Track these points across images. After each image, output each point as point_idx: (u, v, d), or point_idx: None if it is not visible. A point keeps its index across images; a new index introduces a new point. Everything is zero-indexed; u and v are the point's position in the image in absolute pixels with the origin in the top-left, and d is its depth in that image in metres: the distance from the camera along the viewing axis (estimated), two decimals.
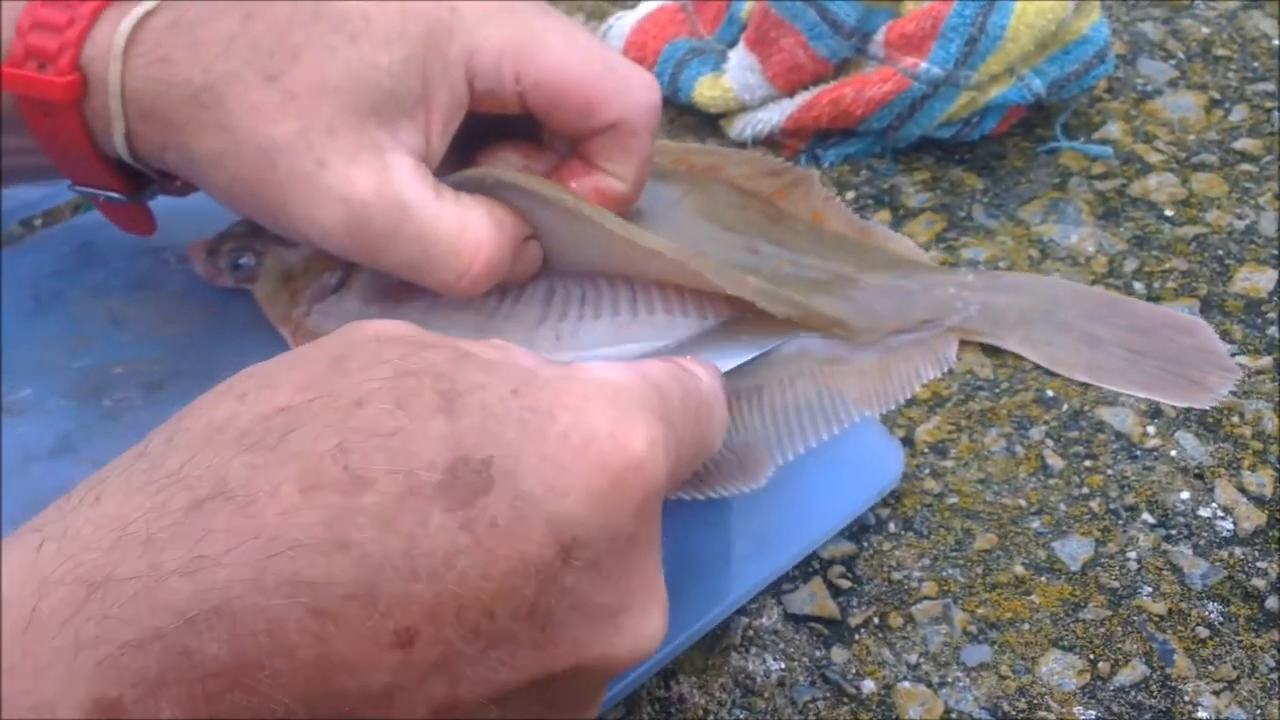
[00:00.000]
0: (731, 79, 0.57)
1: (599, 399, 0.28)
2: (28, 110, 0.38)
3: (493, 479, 0.26)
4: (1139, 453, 0.43)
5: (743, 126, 0.58)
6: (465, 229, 0.39)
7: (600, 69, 0.40)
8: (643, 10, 0.63)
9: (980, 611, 0.39)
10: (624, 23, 0.62)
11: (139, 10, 0.37)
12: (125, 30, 0.37)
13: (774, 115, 0.57)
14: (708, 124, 0.59)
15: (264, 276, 0.46)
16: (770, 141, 0.58)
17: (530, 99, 0.40)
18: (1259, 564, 0.40)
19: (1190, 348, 0.46)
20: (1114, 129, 0.58)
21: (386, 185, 0.38)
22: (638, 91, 0.40)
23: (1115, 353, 0.46)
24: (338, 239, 0.38)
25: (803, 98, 0.56)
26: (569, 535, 0.26)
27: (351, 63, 0.37)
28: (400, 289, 0.45)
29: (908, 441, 0.44)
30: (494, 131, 0.43)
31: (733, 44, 0.59)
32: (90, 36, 0.37)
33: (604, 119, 0.40)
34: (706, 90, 0.58)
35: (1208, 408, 0.44)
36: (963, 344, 0.47)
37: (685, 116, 0.60)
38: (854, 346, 0.45)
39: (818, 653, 0.38)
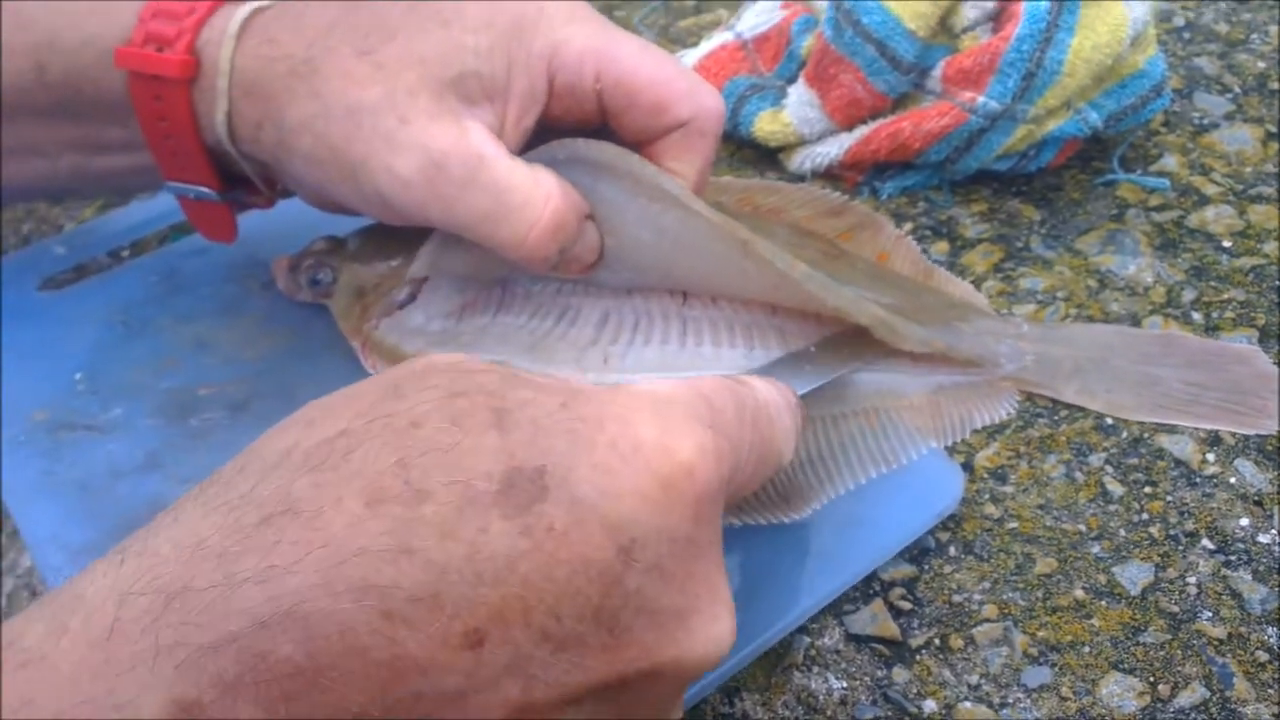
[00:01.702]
0: (791, 114, 0.59)
1: (645, 409, 0.29)
2: (138, 94, 0.42)
3: (547, 487, 0.27)
4: (1198, 480, 0.44)
5: (802, 160, 0.59)
6: (538, 182, 0.41)
7: (673, 72, 0.42)
8: (704, 48, 0.65)
9: (1041, 634, 0.40)
10: (686, 60, 0.64)
11: (253, 6, 0.42)
12: (241, 16, 0.41)
13: (832, 149, 0.58)
14: (767, 158, 0.61)
15: (339, 292, 0.48)
16: (829, 174, 0.59)
17: (607, 97, 0.42)
18: None
19: (1248, 376, 0.47)
20: (1171, 161, 0.59)
21: (464, 138, 0.40)
22: (706, 97, 0.43)
23: (1176, 390, 0.47)
24: (415, 189, 0.40)
25: (861, 132, 0.57)
26: (626, 537, 0.27)
27: (440, 41, 0.40)
28: (461, 308, 0.47)
29: (968, 467, 0.45)
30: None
31: (792, 80, 0.61)
32: (208, 23, 0.41)
33: (675, 118, 0.42)
34: (766, 125, 0.59)
35: (1273, 432, 0.45)
36: None
37: (745, 150, 0.62)
38: (903, 378, 0.45)
39: (879, 672, 0.39)
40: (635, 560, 0.27)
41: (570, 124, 0.43)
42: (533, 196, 0.40)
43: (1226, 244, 0.54)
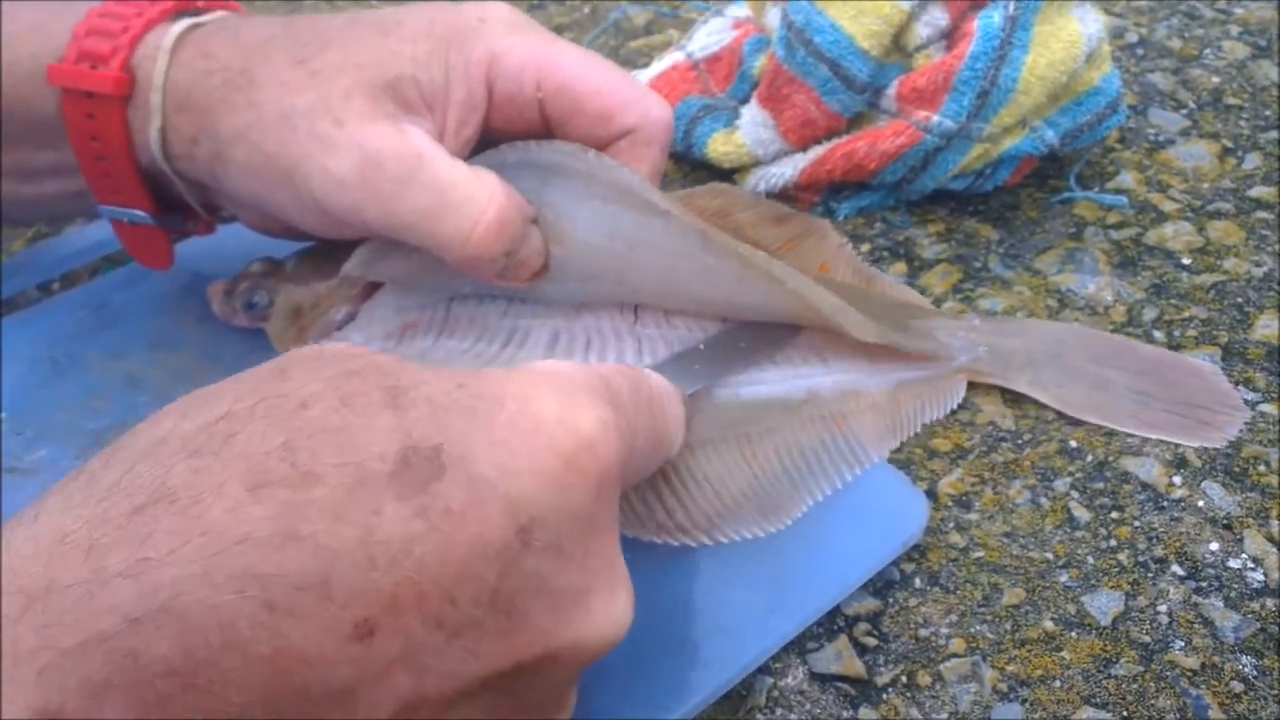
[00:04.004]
0: (745, 135, 0.58)
1: (545, 386, 0.29)
2: (70, 112, 0.41)
3: (444, 465, 0.26)
4: (1166, 503, 0.43)
5: (756, 181, 0.58)
6: (480, 177, 0.40)
7: (619, 80, 0.41)
8: (656, 69, 0.64)
9: (1010, 669, 0.38)
10: None
11: (189, 22, 0.41)
12: (176, 32, 0.40)
13: (787, 170, 0.57)
14: (721, 178, 0.60)
15: (275, 314, 0.47)
16: (784, 195, 0.58)
17: (550, 105, 0.41)
18: None
19: (1199, 389, 0.46)
20: (1128, 178, 0.58)
21: (401, 138, 0.39)
22: (652, 105, 0.42)
23: (1125, 395, 0.46)
24: (351, 189, 0.39)
25: (816, 152, 0.56)
26: (526, 516, 0.26)
27: (376, 48, 0.40)
28: (401, 329, 0.45)
29: (931, 495, 0.44)
30: None
31: (745, 101, 0.60)
32: (143, 40, 0.40)
33: (620, 125, 0.41)
34: (720, 146, 0.58)
35: (1220, 446, 0.44)
36: (983, 393, 0.47)
37: (699, 172, 0.60)
38: (863, 378, 0.45)
39: (845, 713, 0.37)
40: (534, 540, 0.26)
41: (514, 135, 0.42)
42: (475, 193, 0.39)
43: (1186, 261, 0.53)
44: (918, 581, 0.41)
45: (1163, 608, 0.39)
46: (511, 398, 0.28)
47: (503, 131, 0.42)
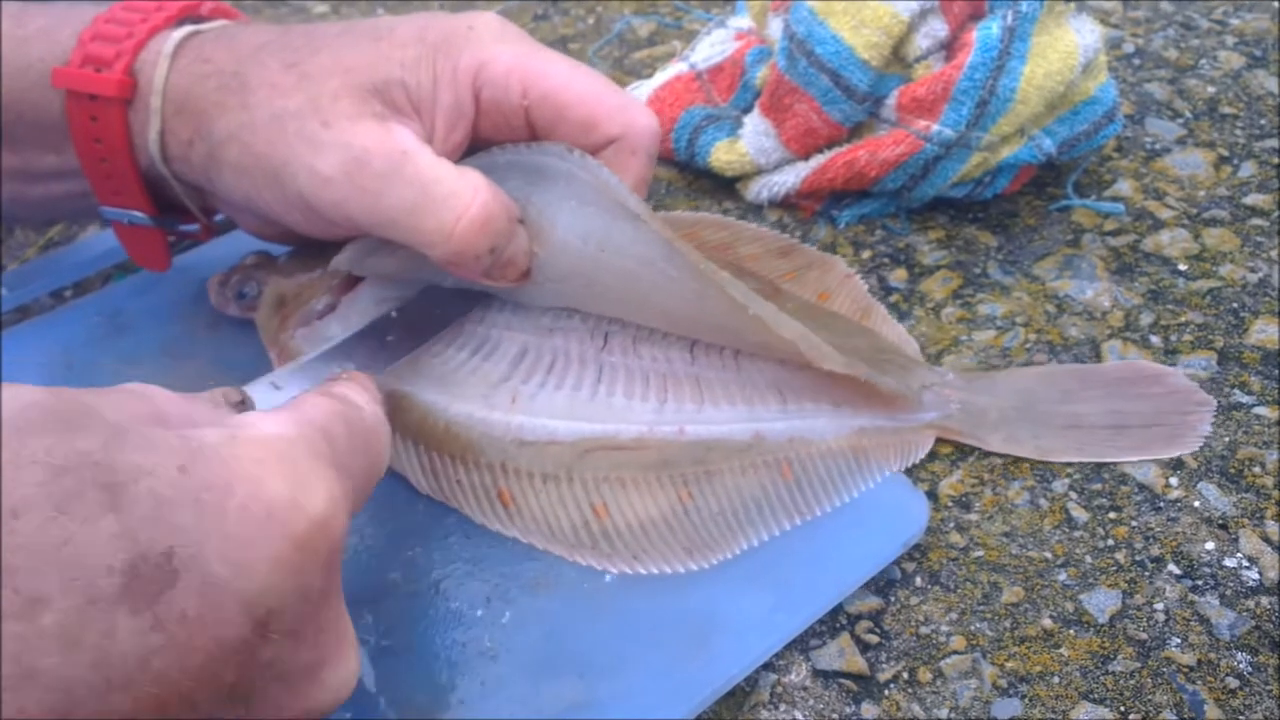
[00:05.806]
0: (747, 144, 0.59)
1: (271, 461, 0.28)
2: (74, 114, 0.42)
3: (176, 571, 0.25)
4: (1162, 504, 0.43)
5: (759, 189, 0.59)
6: (464, 174, 0.40)
7: (604, 89, 0.42)
8: (659, 80, 0.65)
9: (1009, 665, 0.39)
10: (641, 92, 0.64)
11: (190, 29, 0.42)
12: (177, 38, 0.42)
13: (789, 178, 0.58)
14: (724, 187, 0.61)
15: (262, 304, 0.48)
16: (786, 204, 0.59)
17: (535, 113, 0.42)
18: None
19: (1163, 395, 0.47)
20: (1125, 186, 0.59)
21: (387, 137, 0.40)
22: (637, 114, 0.42)
23: (1100, 424, 0.46)
24: (336, 186, 0.39)
25: (817, 160, 0.57)
26: (262, 609, 0.26)
27: (367, 53, 0.41)
28: None
29: (931, 495, 0.44)
30: None
31: (747, 110, 0.61)
32: (146, 46, 0.42)
33: (605, 134, 0.42)
34: (723, 155, 0.59)
35: (1195, 449, 0.45)
36: None
37: (702, 180, 0.61)
38: (821, 422, 0.44)
39: (848, 709, 0.38)
40: (272, 632, 0.27)
41: (502, 142, 0.43)
42: (459, 189, 0.40)
43: (1182, 267, 0.54)
44: (919, 580, 0.42)
45: (1159, 606, 0.40)
46: (240, 481, 0.27)
47: (491, 139, 0.43)
